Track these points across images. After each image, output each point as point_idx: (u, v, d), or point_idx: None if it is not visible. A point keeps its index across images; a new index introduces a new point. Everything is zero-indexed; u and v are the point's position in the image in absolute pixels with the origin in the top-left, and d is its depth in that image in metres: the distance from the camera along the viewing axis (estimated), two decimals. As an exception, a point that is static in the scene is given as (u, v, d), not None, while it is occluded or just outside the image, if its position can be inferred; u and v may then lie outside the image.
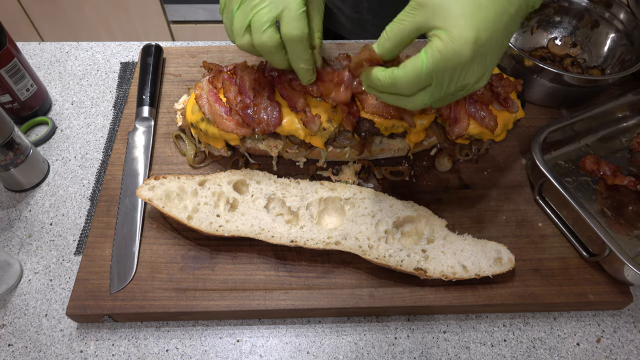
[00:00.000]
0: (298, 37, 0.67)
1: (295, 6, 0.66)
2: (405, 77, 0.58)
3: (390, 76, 0.60)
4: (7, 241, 0.84)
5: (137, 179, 0.86)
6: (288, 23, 0.66)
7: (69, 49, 1.12)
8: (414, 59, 0.58)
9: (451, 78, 0.58)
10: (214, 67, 0.87)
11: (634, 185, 0.84)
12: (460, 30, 0.55)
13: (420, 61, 0.57)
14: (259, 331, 0.76)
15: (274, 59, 0.71)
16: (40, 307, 0.77)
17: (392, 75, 0.60)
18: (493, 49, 0.58)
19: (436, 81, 0.58)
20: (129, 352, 0.73)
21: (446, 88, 0.60)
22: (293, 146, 0.86)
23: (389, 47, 0.61)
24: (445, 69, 0.57)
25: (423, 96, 0.61)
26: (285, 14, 0.66)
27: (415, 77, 0.58)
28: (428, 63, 0.56)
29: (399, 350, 0.74)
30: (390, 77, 0.60)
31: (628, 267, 0.71)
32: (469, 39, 0.55)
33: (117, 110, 1.01)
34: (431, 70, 0.57)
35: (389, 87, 0.61)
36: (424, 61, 0.57)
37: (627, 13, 0.97)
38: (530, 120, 0.97)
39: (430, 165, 0.91)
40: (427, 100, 0.61)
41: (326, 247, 0.76)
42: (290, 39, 0.68)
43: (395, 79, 0.59)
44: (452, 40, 0.55)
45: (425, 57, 0.57)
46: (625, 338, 0.76)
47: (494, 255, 0.76)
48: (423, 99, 0.61)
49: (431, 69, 0.57)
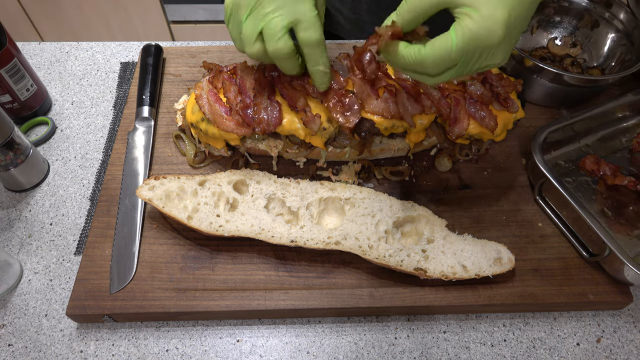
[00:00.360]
0: (317, 41, 0.67)
1: (309, 11, 0.66)
2: (433, 56, 0.57)
3: (416, 55, 0.58)
4: (7, 241, 0.84)
5: (137, 179, 0.86)
6: (306, 29, 0.66)
7: (69, 49, 1.12)
8: (442, 37, 0.56)
9: (479, 57, 0.57)
10: (214, 67, 0.87)
11: (634, 185, 0.84)
12: (491, 8, 0.53)
13: (450, 40, 0.55)
14: (259, 331, 0.76)
15: (287, 65, 0.71)
16: (40, 307, 0.77)
17: (419, 54, 0.58)
18: (519, 27, 0.57)
19: (464, 60, 0.57)
20: (129, 352, 0.73)
21: (471, 67, 0.59)
22: (293, 146, 0.86)
23: (408, 19, 0.59)
24: (475, 49, 0.55)
25: (447, 75, 0.60)
26: (302, 20, 0.66)
27: (444, 57, 0.56)
28: (459, 42, 0.55)
29: (399, 350, 0.74)
30: (417, 55, 0.58)
31: (628, 267, 0.71)
32: (500, 18, 0.53)
33: (117, 110, 1.01)
34: (462, 50, 0.55)
35: (415, 66, 0.59)
36: (454, 40, 0.55)
37: (627, 13, 0.97)
38: (530, 120, 0.97)
39: (430, 165, 0.91)
40: (448, 78, 0.60)
41: (326, 247, 0.76)
42: (309, 44, 0.68)
43: (423, 58, 0.58)
44: (484, 19, 0.53)
45: (455, 36, 0.55)
46: (625, 338, 0.76)
47: (494, 255, 0.76)
48: (446, 77, 0.60)
49: (462, 49, 0.55)
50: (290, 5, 0.66)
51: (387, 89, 0.81)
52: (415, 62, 0.59)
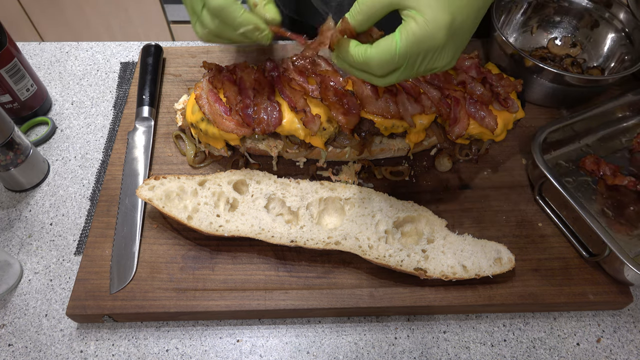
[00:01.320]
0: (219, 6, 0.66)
1: None
2: (378, 57, 0.58)
3: (363, 55, 0.59)
4: (7, 241, 0.84)
5: (137, 179, 0.86)
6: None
7: (69, 49, 1.12)
8: (387, 39, 0.57)
9: (423, 60, 0.58)
10: (214, 67, 0.87)
11: (634, 185, 0.84)
12: (435, 12, 0.54)
13: (394, 43, 0.56)
14: (259, 331, 0.76)
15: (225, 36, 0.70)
16: (40, 307, 0.77)
17: (365, 55, 0.59)
18: (465, 31, 0.58)
19: (408, 63, 0.58)
20: (129, 352, 0.73)
21: (416, 69, 0.59)
22: (293, 146, 0.86)
23: (360, 20, 0.60)
24: (418, 52, 0.56)
25: (393, 77, 0.61)
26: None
27: (388, 58, 0.57)
28: (402, 45, 0.56)
29: (399, 350, 0.74)
30: (364, 55, 0.59)
31: (628, 267, 0.71)
32: (443, 23, 0.54)
33: (117, 110, 1.01)
34: (404, 52, 0.56)
35: (361, 65, 0.60)
36: (397, 43, 0.56)
37: (627, 13, 0.97)
38: (530, 120, 0.97)
39: (430, 165, 0.91)
40: (395, 80, 0.61)
41: (326, 247, 0.76)
42: (214, 11, 0.67)
43: (368, 58, 0.58)
44: (427, 23, 0.54)
45: (400, 39, 0.56)
46: (625, 338, 0.76)
47: (494, 255, 0.76)
48: (392, 79, 0.61)
49: (404, 52, 0.56)
50: None
51: (387, 88, 0.81)
52: (362, 62, 0.60)
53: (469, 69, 0.86)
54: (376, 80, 0.62)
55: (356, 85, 0.82)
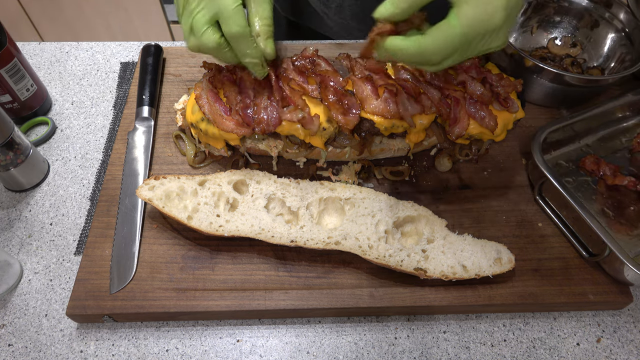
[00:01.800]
0: (238, 33, 0.68)
1: (230, 4, 0.67)
2: (436, 45, 0.57)
3: (417, 45, 0.58)
4: (7, 241, 0.84)
5: (137, 179, 0.86)
6: (225, 21, 0.68)
7: (69, 49, 1.12)
8: (442, 26, 0.57)
9: (480, 42, 0.58)
10: (214, 67, 0.87)
11: (634, 185, 0.84)
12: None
13: (451, 28, 0.56)
14: (259, 331, 0.76)
15: (221, 56, 0.73)
16: (40, 307, 0.77)
17: (420, 45, 0.58)
18: (517, 10, 0.58)
19: (465, 46, 0.58)
20: (129, 352, 0.73)
21: (471, 51, 0.59)
22: (293, 146, 0.86)
23: (404, 7, 0.59)
24: (477, 35, 0.56)
25: (448, 61, 0.60)
26: (222, 13, 0.68)
27: (446, 44, 0.57)
28: (461, 30, 0.55)
29: (399, 350, 0.74)
30: (418, 46, 0.58)
31: (628, 267, 0.71)
32: (500, 4, 0.54)
33: (117, 110, 1.01)
34: (464, 37, 0.56)
35: (416, 57, 0.59)
36: (456, 27, 0.56)
37: (627, 13, 0.97)
38: (530, 120, 0.97)
39: (430, 165, 0.91)
40: (450, 64, 0.61)
41: (326, 247, 0.76)
42: (230, 36, 0.69)
43: (424, 48, 0.58)
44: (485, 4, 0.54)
45: (458, 24, 0.55)
46: (625, 338, 0.76)
47: (494, 255, 0.76)
48: (447, 64, 0.61)
49: (464, 36, 0.56)
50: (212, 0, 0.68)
51: (387, 89, 0.81)
52: (416, 53, 0.59)
53: (469, 69, 0.86)
54: (429, 67, 0.62)
55: (356, 85, 0.82)
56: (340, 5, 1.07)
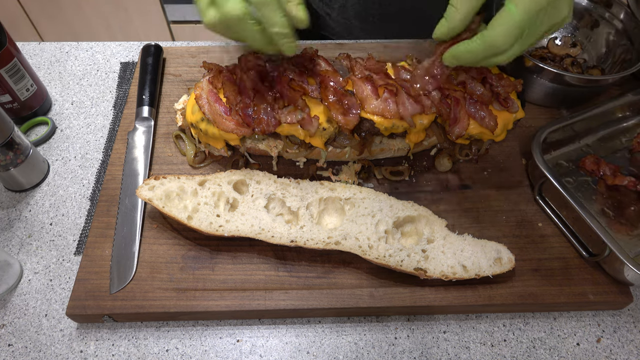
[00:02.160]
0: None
1: None
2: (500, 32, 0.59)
3: (482, 40, 0.60)
4: (7, 241, 0.84)
5: (137, 179, 0.86)
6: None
7: (69, 49, 1.12)
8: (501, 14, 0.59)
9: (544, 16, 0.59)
10: (214, 67, 0.87)
11: (634, 186, 0.84)
12: None
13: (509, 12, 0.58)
14: (259, 331, 0.76)
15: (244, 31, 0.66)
16: (40, 307, 0.77)
17: (485, 40, 0.60)
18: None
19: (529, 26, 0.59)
20: (129, 352, 0.73)
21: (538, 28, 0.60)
22: (293, 146, 0.86)
23: (460, 18, 0.61)
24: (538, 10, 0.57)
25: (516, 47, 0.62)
26: None
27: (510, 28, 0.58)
28: (519, 10, 0.57)
29: (399, 350, 0.74)
30: (483, 41, 0.60)
31: (628, 267, 0.71)
32: None
33: (117, 110, 1.01)
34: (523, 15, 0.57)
35: (486, 52, 0.61)
36: (513, 10, 0.57)
37: (627, 13, 0.97)
38: (530, 120, 0.97)
39: (430, 165, 0.91)
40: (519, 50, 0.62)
41: (326, 247, 0.76)
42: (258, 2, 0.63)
43: (491, 40, 0.60)
44: None
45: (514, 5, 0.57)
46: (625, 338, 0.76)
47: (494, 255, 0.76)
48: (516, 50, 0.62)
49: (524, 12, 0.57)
50: None
51: (387, 89, 0.81)
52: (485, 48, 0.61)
53: (469, 69, 0.86)
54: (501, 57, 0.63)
55: (356, 85, 0.82)
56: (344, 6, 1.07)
